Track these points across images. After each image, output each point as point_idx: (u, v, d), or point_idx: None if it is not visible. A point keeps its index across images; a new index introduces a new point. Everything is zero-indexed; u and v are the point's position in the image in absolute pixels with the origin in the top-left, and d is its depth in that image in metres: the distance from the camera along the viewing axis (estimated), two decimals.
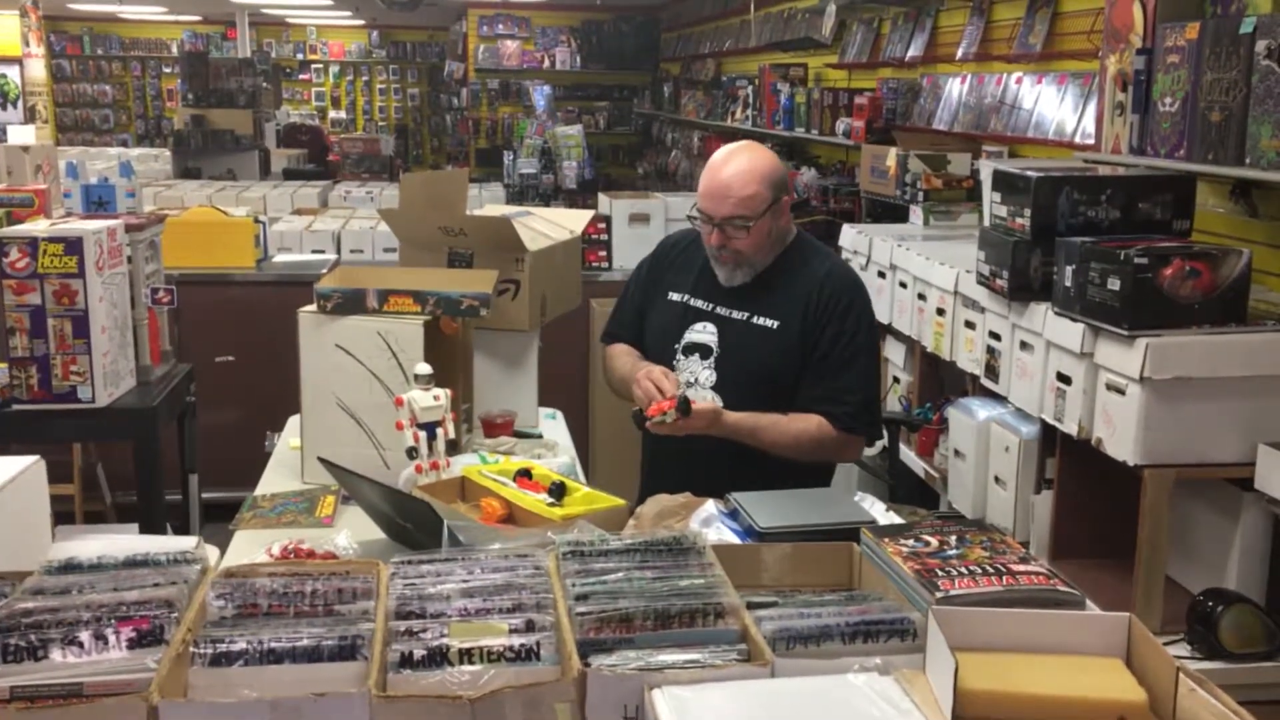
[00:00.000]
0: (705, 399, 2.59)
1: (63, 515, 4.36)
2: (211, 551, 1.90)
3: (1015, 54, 4.62)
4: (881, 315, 4.26)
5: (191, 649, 1.41)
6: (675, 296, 2.77)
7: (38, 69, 10.18)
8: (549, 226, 3.26)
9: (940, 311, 3.69)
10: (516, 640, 1.44)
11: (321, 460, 2.38)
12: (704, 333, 2.70)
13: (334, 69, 17.98)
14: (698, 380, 2.67)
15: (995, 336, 3.26)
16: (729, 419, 2.53)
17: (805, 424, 2.59)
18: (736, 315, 2.67)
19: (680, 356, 2.71)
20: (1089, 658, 1.45)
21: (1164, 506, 2.60)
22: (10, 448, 2.62)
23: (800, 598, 1.63)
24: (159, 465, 3.25)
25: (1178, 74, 2.88)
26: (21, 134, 5.30)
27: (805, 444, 2.60)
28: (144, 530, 3.15)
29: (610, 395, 2.95)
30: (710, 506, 2.13)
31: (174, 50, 16.94)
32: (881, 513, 2.13)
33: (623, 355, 2.83)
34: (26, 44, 9.94)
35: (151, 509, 3.26)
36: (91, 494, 4.77)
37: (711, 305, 2.71)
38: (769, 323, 2.65)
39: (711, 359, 2.66)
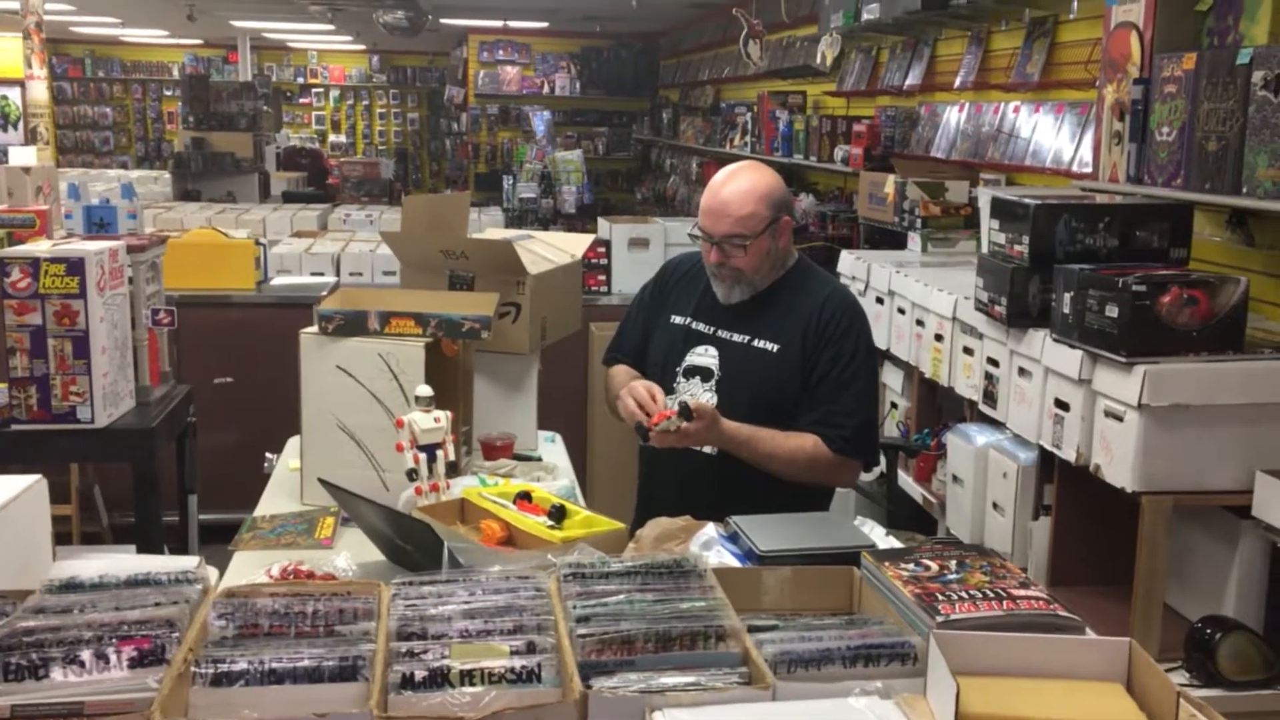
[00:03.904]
0: (702, 400, 2.60)
1: (59, 536, 4.34)
2: (210, 573, 1.90)
3: (1013, 83, 4.65)
4: (880, 341, 4.27)
5: (193, 669, 1.41)
6: (677, 319, 2.79)
7: (40, 91, 10.22)
8: (549, 250, 3.27)
9: (938, 337, 3.70)
10: (518, 662, 1.44)
11: (321, 481, 2.38)
12: (705, 355, 2.71)
13: (334, 93, 18.09)
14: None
15: (993, 363, 3.27)
16: (726, 425, 2.54)
17: (800, 441, 2.60)
18: (737, 338, 2.68)
19: (681, 379, 2.72)
20: (1089, 683, 1.45)
21: (1162, 533, 2.61)
22: (9, 468, 2.62)
23: (801, 621, 1.64)
24: (158, 486, 3.25)
25: (1175, 104, 2.90)
26: (23, 155, 5.31)
27: (800, 461, 2.60)
28: (141, 551, 3.14)
29: (610, 418, 2.96)
30: (710, 529, 2.13)
31: (175, 73, 17.06)
32: (881, 537, 2.13)
33: (621, 376, 2.84)
34: (29, 66, 9.97)
35: (149, 530, 3.25)
36: (88, 515, 4.76)
37: (713, 329, 2.72)
38: (770, 346, 2.66)
39: (712, 381, 2.67)
